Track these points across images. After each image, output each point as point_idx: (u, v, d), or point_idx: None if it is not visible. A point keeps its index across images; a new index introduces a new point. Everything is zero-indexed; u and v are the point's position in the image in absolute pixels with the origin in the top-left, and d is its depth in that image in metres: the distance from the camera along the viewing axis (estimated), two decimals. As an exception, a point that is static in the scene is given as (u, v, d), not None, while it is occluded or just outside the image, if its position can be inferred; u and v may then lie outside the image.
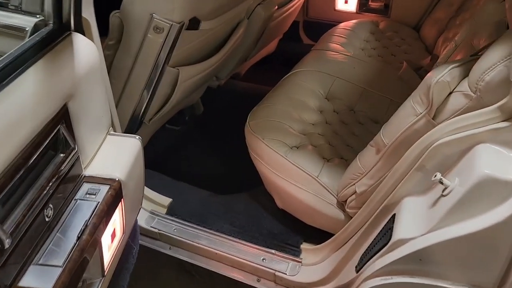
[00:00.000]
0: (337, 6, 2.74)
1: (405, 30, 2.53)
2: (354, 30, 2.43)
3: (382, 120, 1.78)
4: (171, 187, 1.78)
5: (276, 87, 1.87)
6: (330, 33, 2.40)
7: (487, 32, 1.48)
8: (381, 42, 2.40)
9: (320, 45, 2.28)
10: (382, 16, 2.65)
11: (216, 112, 2.34)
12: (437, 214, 0.95)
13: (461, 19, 2.15)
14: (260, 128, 1.57)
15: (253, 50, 2.31)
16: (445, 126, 0.99)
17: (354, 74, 1.98)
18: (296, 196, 1.42)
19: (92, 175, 1.05)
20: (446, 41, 2.18)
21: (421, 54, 2.32)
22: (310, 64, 2.02)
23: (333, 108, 1.80)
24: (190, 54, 1.62)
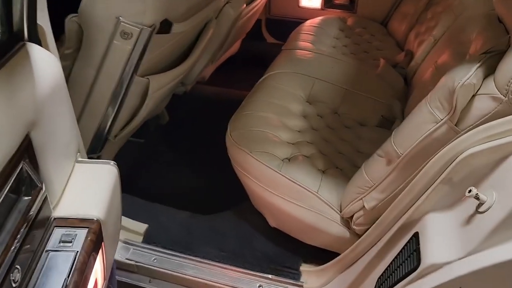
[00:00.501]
0: (301, 2, 2.63)
1: (373, 25, 2.46)
2: (322, 27, 2.33)
3: (369, 123, 1.69)
4: (145, 210, 1.58)
5: (253, 92, 1.72)
6: (298, 32, 2.28)
7: (478, 27, 1.41)
8: (352, 39, 2.31)
9: (290, 45, 2.15)
10: (348, 12, 2.57)
11: (184, 121, 2.15)
12: (477, 234, 0.84)
13: (433, 12, 2.10)
14: (245, 139, 1.41)
15: (220, 51, 2.14)
16: (474, 134, 0.88)
17: (333, 74, 1.86)
18: (294, 214, 1.28)
19: (64, 217, 0.86)
20: (419, 35, 2.13)
21: (393, 50, 2.26)
22: (285, 66, 1.89)
23: (317, 112, 1.67)
24: (160, 61, 1.43)
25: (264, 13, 2.75)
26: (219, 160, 1.49)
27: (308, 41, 2.15)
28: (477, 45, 1.34)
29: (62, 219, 0.85)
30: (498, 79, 0.88)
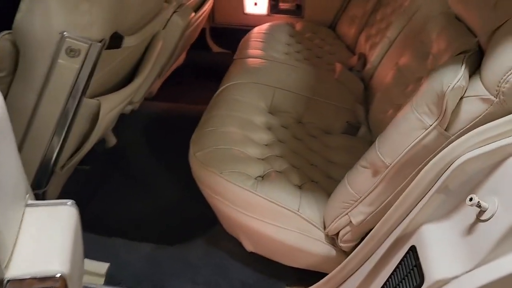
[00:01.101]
0: (246, 9, 2.56)
1: (322, 30, 2.45)
2: (271, 33, 2.27)
3: (334, 130, 1.64)
4: (102, 246, 1.41)
5: (212, 106, 1.61)
6: (248, 40, 2.20)
7: (437, 26, 1.41)
8: (303, 44, 2.27)
9: (242, 54, 2.06)
10: (295, 17, 2.53)
11: (134, 142, 1.98)
12: (483, 244, 0.79)
13: (382, 14, 2.11)
14: (212, 159, 1.30)
15: (168, 64, 2.00)
16: (468, 139, 0.84)
17: (292, 82, 1.80)
18: (275, 236, 1.18)
19: (20, 277, 0.70)
20: (370, 38, 2.13)
21: (345, 53, 2.25)
22: (242, 76, 1.79)
23: (281, 123, 1.60)
24: (110, 79, 1.28)
25: (208, 22, 2.65)
26: (179, 182, 1.37)
27: (260, 48, 2.07)
28: (439, 44, 1.33)
29: (18, 281, 0.70)
30: (486, 79, 0.85)
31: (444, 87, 0.86)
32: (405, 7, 1.85)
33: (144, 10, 1.27)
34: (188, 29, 1.90)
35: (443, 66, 0.93)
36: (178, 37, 1.76)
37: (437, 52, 1.35)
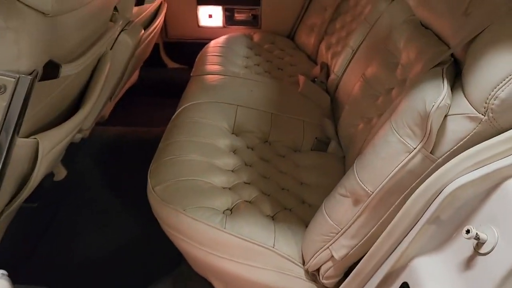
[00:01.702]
0: (200, 22, 2.43)
1: (281, 40, 2.36)
2: (229, 46, 2.16)
3: (303, 147, 1.55)
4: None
5: (170, 131, 1.47)
6: (204, 54, 2.08)
7: (404, 34, 1.34)
8: (262, 56, 2.17)
9: (199, 70, 1.93)
10: (252, 28, 2.43)
11: (86, 173, 1.81)
12: (484, 281, 0.70)
13: (342, 22, 2.05)
14: (173, 194, 1.16)
15: (119, 85, 1.85)
16: (458, 163, 0.76)
17: (255, 99, 1.69)
18: (249, 276, 1.06)
19: None
20: (331, 47, 2.06)
21: (306, 63, 2.17)
22: (200, 95, 1.67)
23: (246, 144, 1.48)
24: (49, 113, 1.13)
25: (161, 37, 2.50)
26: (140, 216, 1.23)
27: (218, 63, 1.96)
28: (409, 54, 1.26)
29: None
30: (472, 96, 0.77)
31: (427, 107, 0.77)
32: (365, 14, 1.79)
33: (85, 33, 1.12)
34: (139, 46, 1.76)
35: (422, 82, 0.84)
36: (128, 57, 1.61)
37: (407, 62, 1.28)
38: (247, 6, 2.39)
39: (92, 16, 1.13)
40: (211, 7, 2.38)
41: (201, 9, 2.38)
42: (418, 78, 0.90)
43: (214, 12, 2.40)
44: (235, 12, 2.42)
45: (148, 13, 1.92)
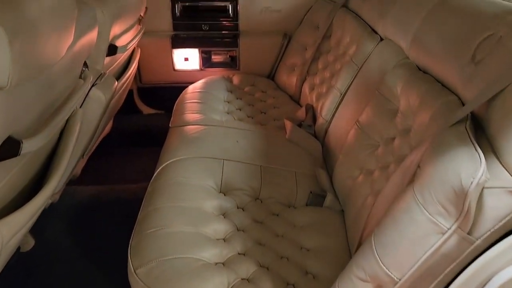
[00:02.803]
0: (176, 66, 2.31)
1: (261, 80, 2.26)
2: (208, 91, 2.04)
3: (298, 202, 1.41)
4: None
5: (150, 196, 1.31)
6: (183, 101, 1.95)
7: (400, 79, 1.25)
8: (244, 100, 2.06)
9: (178, 120, 1.79)
10: (231, 69, 2.33)
11: (55, 242, 1.60)
12: None
13: (324, 62, 1.97)
14: (159, 278, 1.00)
15: (92, 141, 1.69)
16: (507, 249, 0.64)
17: (241, 150, 1.56)
18: None
19: None
20: (315, 88, 1.97)
21: (290, 105, 2.07)
22: (181, 150, 1.52)
23: (236, 204, 1.34)
24: (8, 194, 0.96)
25: (134, 83, 2.37)
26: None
27: (197, 111, 1.83)
28: (409, 101, 1.17)
29: None
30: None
31: (464, 183, 0.66)
32: (351, 55, 1.71)
33: (50, 99, 0.98)
34: (112, 98, 1.61)
35: (448, 147, 0.73)
36: (101, 112, 1.47)
37: (407, 110, 1.19)
38: (225, 48, 2.29)
39: (57, 79, 0.99)
40: (187, 49, 2.27)
41: (176, 53, 2.27)
42: (439, 139, 0.79)
43: (190, 55, 2.29)
44: (212, 54, 2.32)
45: (120, 62, 1.79)
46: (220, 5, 2.25)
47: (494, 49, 0.92)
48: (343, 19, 1.92)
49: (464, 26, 1.07)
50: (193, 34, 2.27)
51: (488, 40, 0.96)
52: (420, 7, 1.32)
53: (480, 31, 0.99)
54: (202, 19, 2.26)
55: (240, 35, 2.29)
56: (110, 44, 1.55)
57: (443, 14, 1.21)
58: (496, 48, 0.92)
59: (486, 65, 0.92)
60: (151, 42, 2.22)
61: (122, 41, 1.70)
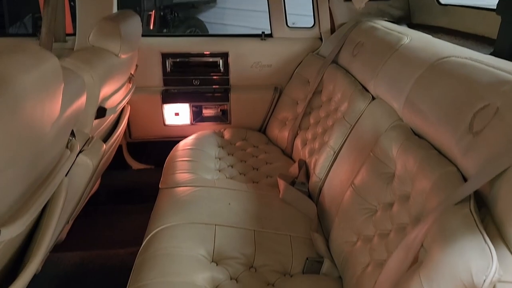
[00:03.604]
0: (166, 121, 2.29)
1: (253, 134, 2.24)
2: (199, 148, 2.00)
3: (292, 270, 1.35)
4: None
5: (138, 268, 1.24)
6: (173, 160, 1.91)
7: (395, 142, 1.23)
8: (235, 155, 2.03)
9: (168, 181, 1.74)
10: (222, 123, 2.31)
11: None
12: None
13: (316, 118, 1.97)
14: None
15: (78, 205, 1.62)
16: None
17: (233, 214, 1.51)
18: None
19: None
20: (307, 143, 1.95)
21: (283, 160, 2.03)
22: (171, 215, 1.46)
23: (229, 275, 1.27)
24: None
25: (124, 138, 2.33)
26: None
27: (188, 171, 1.78)
28: (406, 165, 1.14)
29: None
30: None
31: (476, 280, 0.62)
32: (343, 112, 1.70)
33: (33, 176, 0.93)
34: (100, 162, 1.57)
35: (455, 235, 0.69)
36: (88, 178, 1.42)
37: (404, 175, 1.16)
38: (216, 103, 2.29)
39: (41, 155, 0.95)
40: (177, 105, 2.26)
41: (166, 108, 2.25)
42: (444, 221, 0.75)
43: (181, 110, 2.27)
44: (203, 108, 2.30)
45: (110, 121, 1.76)
46: (211, 60, 2.26)
47: (492, 121, 0.90)
48: (334, 75, 1.92)
49: (458, 93, 1.07)
50: (183, 89, 2.27)
51: (485, 110, 0.94)
52: (412, 69, 1.32)
53: (475, 100, 0.98)
54: (193, 74, 2.26)
55: (231, 89, 2.29)
56: (99, 107, 1.53)
57: (435, 78, 1.20)
58: (494, 121, 0.90)
59: (485, 137, 0.90)
60: (141, 97, 2.20)
61: (112, 102, 1.67)
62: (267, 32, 2.29)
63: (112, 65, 1.59)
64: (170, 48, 2.21)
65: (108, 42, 1.57)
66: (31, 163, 0.91)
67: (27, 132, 0.82)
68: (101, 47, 1.59)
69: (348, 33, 2.00)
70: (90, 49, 1.56)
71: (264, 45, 2.27)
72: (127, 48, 1.67)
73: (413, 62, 1.35)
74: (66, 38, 2.14)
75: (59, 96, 0.97)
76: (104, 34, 1.56)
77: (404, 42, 1.52)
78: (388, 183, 1.23)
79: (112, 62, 1.59)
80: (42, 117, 0.89)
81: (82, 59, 1.43)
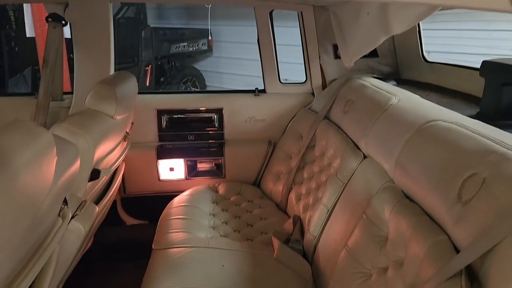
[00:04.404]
0: (161, 176, 2.29)
1: (247, 188, 2.24)
2: (193, 205, 2.00)
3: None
4: None
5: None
6: (167, 217, 1.90)
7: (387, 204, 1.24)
8: (229, 211, 2.02)
9: (161, 241, 1.72)
10: (217, 178, 2.32)
11: None
12: None
13: (309, 172, 1.98)
14: None
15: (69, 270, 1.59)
16: None
17: (227, 276, 1.49)
18: None
19: None
20: (301, 198, 1.96)
21: (277, 215, 2.02)
22: (164, 278, 1.44)
23: None
24: None
25: (118, 193, 2.32)
26: None
27: (182, 229, 1.77)
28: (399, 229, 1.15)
29: None
30: None
31: None
32: (336, 168, 1.71)
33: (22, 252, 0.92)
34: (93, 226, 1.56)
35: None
36: (80, 244, 1.40)
37: (397, 239, 1.16)
38: (210, 157, 2.30)
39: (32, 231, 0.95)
40: (172, 160, 2.27)
41: (161, 163, 2.27)
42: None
43: (176, 165, 2.28)
44: (198, 163, 2.32)
45: (103, 182, 1.76)
46: (206, 116, 2.30)
47: (480, 191, 0.92)
48: (326, 130, 1.96)
49: (446, 159, 1.09)
50: (178, 145, 2.29)
51: (473, 179, 0.96)
52: (401, 131, 1.34)
53: (463, 168, 1.00)
54: (187, 129, 2.30)
55: (226, 144, 2.31)
56: (93, 169, 1.53)
57: (424, 142, 1.23)
58: (482, 191, 0.92)
59: (473, 208, 0.91)
60: (136, 153, 2.22)
61: (107, 162, 1.69)
62: (260, 88, 2.34)
63: (107, 127, 1.61)
64: (165, 105, 2.26)
65: (104, 105, 1.60)
66: (24, 239, 0.91)
67: (21, 210, 0.82)
68: (97, 109, 1.62)
69: (339, 89, 2.05)
70: (86, 112, 1.59)
71: (258, 100, 2.32)
72: (122, 110, 1.70)
73: (401, 124, 1.38)
74: (63, 96, 2.18)
75: (52, 169, 0.98)
76: (100, 98, 1.59)
77: (392, 102, 1.56)
78: (382, 246, 1.23)
79: (107, 125, 1.61)
80: (35, 193, 0.89)
81: (77, 124, 1.45)
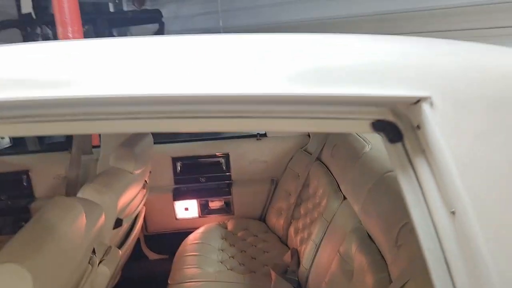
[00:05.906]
0: (177, 215, 2.61)
1: (254, 223, 2.53)
2: (205, 241, 2.29)
3: None
4: None
5: None
6: (182, 254, 2.20)
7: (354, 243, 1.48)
8: (236, 246, 2.30)
9: (176, 276, 2.02)
10: (226, 215, 2.62)
11: None
12: None
13: (305, 209, 2.24)
14: None
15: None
16: None
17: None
18: None
19: None
20: (298, 232, 2.21)
21: (279, 248, 2.29)
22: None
23: None
24: None
25: (141, 232, 2.65)
26: None
27: (195, 265, 2.07)
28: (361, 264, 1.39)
29: None
30: None
31: None
32: (323, 207, 1.97)
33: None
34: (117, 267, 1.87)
35: None
36: (106, 284, 1.71)
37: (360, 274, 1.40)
38: (220, 197, 2.61)
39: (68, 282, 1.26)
40: (186, 201, 2.59)
41: (177, 204, 2.59)
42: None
43: (190, 205, 2.60)
44: (209, 202, 2.62)
45: (127, 226, 2.08)
46: (215, 160, 2.62)
47: (409, 238, 1.17)
48: (317, 172, 2.22)
49: (392, 209, 1.34)
50: (192, 187, 2.61)
51: (405, 227, 1.21)
52: (366, 180, 1.60)
53: (400, 218, 1.26)
54: (199, 173, 2.61)
55: (233, 184, 2.61)
56: (117, 219, 1.86)
57: (381, 192, 1.48)
58: (410, 238, 1.17)
59: (402, 252, 1.17)
60: (155, 196, 2.54)
61: (128, 211, 2.01)
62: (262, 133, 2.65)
63: (128, 181, 1.94)
64: (179, 152, 2.59)
65: (124, 163, 1.94)
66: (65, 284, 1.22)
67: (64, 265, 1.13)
68: (118, 167, 1.95)
69: (328, 134, 2.32)
70: (110, 171, 1.92)
71: (260, 144, 2.62)
72: (140, 165, 2.03)
73: (367, 173, 1.64)
74: (92, 150, 2.54)
75: (82, 230, 1.30)
76: (120, 158, 1.93)
77: (366, 151, 1.81)
78: (350, 279, 1.48)
79: (128, 179, 1.94)
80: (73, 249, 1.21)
81: (102, 183, 1.78)
